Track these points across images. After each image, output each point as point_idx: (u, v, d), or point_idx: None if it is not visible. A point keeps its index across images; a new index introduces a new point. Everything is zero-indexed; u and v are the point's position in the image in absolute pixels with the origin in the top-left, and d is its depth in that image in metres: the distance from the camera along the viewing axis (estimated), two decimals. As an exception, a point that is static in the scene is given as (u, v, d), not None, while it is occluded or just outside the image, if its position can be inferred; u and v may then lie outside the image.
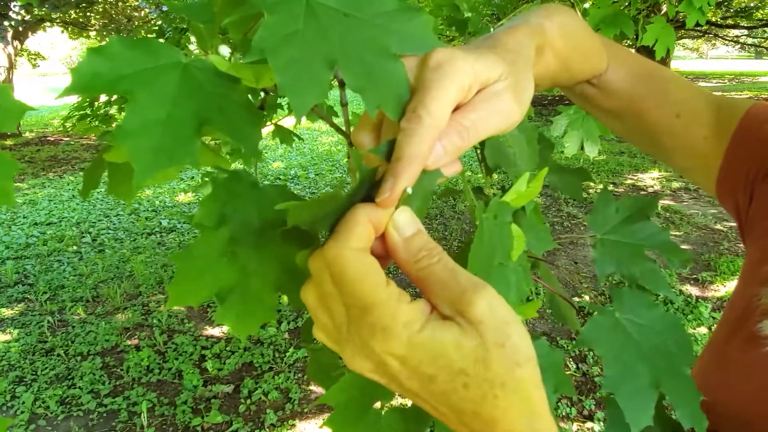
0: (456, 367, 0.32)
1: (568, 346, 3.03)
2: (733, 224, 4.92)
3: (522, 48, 0.45)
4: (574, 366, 2.89)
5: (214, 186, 0.42)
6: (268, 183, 0.43)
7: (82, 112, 2.78)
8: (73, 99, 2.58)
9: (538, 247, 0.57)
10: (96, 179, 0.58)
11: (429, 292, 0.35)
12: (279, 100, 1.97)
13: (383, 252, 0.37)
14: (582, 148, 1.73)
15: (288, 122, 2.14)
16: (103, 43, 0.37)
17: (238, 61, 0.49)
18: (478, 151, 0.57)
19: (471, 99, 0.38)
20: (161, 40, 0.36)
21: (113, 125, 2.52)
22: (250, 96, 0.41)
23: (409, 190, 0.36)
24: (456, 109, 0.38)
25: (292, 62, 0.34)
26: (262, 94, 0.48)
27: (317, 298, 0.36)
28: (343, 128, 0.45)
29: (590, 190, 5.93)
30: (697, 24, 2.41)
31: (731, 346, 0.65)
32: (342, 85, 0.40)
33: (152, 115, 0.36)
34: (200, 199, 0.43)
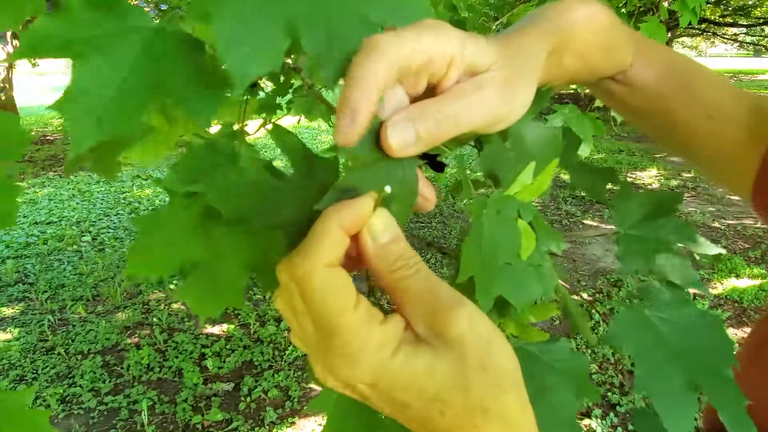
0: (430, 395, 0.30)
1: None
2: (731, 222, 4.94)
3: (529, 52, 0.42)
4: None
5: (189, 151, 0.39)
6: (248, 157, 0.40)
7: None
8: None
9: (553, 246, 0.54)
10: (81, 157, 0.56)
11: (404, 307, 0.32)
12: (278, 100, 1.98)
13: (357, 254, 0.34)
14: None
15: (286, 121, 2.16)
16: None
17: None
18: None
19: (456, 85, 0.35)
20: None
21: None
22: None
23: (388, 189, 0.33)
24: (436, 93, 0.34)
25: (239, 22, 0.30)
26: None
27: (289, 309, 0.34)
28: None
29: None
30: (690, 23, 2.42)
31: (754, 367, 0.62)
32: None
33: (104, 81, 0.32)
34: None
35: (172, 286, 3.86)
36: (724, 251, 0.62)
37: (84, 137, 0.31)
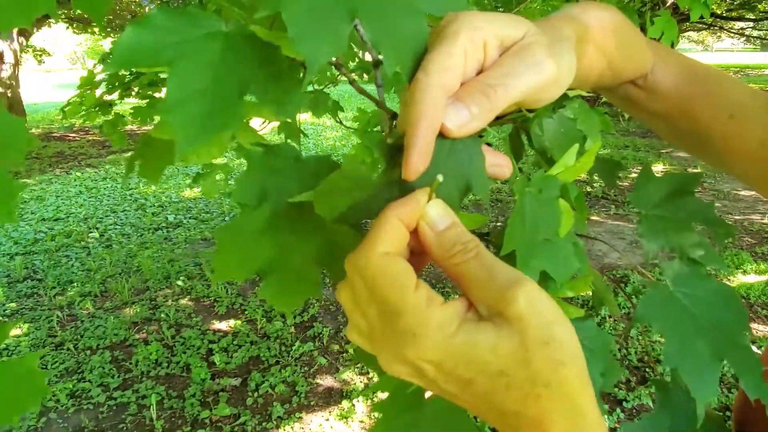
0: (495, 369, 0.31)
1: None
2: (738, 217, 4.93)
3: (558, 26, 0.43)
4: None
5: (250, 162, 0.41)
6: (311, 154, 0.42)
7: (81, 98, 2.79)
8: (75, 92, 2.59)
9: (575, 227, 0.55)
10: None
11: (466, 289, 0.34)
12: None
13: (421, 248, 0.36)
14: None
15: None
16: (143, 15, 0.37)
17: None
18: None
19: (496, 59, 0.36)
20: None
21: (112, 114, 2.54)
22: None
23: (440, 178, 0.34)
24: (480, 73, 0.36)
25: (308, 12, 0.33)
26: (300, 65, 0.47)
27: (352, 300, 0.36)
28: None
29: (595, 184, 5.92)
30: (702, 16, 2.41)
31: None
32: (376, 65, 0.39)
33: (196, 84, 0.35)
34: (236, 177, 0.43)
35: (179, 282, 3.88)
36: (735, 227, 0.63)
37: (192, 138, 0.34)
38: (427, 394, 0.53)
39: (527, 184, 0.42)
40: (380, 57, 0.35)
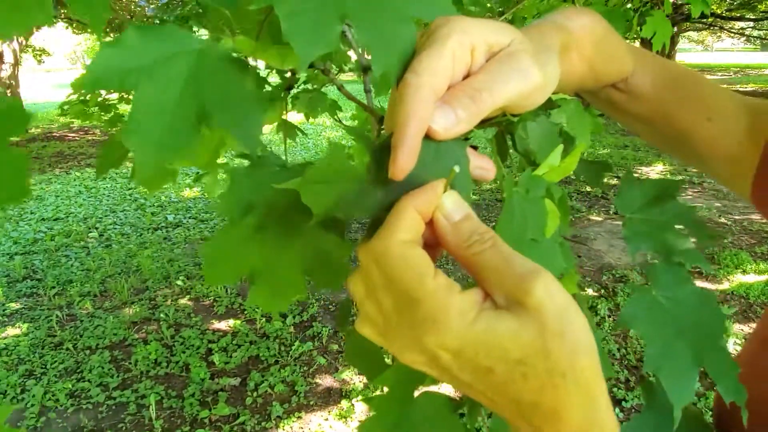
0: (513, 358, 0.31)
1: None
2: (738, 217, 4.93)
3: (545, 33, 0.45)
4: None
5: (233, 178, 0.42)
6: (297, 162, 0.43)
7: (81, 98, 2.79)
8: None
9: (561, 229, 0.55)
10: (112, 159, 0.58)
11: (482, 280, 0.34)
12: (282, 95, 1.98)
13: (434, 240, 0.36)
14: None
15: (293, 117, 2.16)
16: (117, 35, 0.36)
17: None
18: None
19: (483, 65, 0.37)
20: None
21: (112, 113, 2.55)
22: (267, 80, 0.41)
23: (457, 169, 0.35)
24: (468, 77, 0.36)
25: (301, 9, 0.33)
26: (288, 74, 0.48)
27: (365, 289, 0.35)
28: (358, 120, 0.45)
29: (594, 184, 5.93)
30: (702, 16, 2.40)
31: (762, 358, 0.65)
32: (365, 71, 0.39)
33: (158, 107, 0.35)
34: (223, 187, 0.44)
35: (179, 282, 3.88)
36: (719, 231, 0.65)
37: (147, 162, 0.34)
38: (416, 393, 0.53)
39: (514, 184, 0.42)
40: (368, 58, 0.35)
